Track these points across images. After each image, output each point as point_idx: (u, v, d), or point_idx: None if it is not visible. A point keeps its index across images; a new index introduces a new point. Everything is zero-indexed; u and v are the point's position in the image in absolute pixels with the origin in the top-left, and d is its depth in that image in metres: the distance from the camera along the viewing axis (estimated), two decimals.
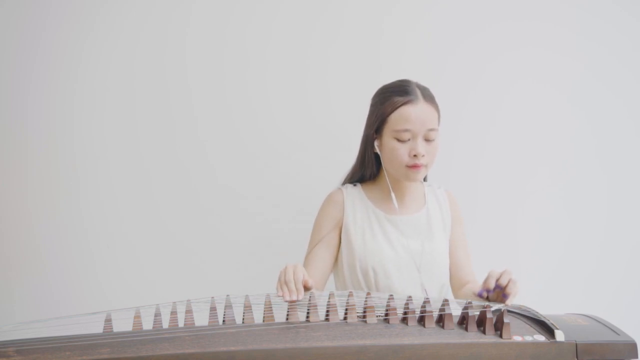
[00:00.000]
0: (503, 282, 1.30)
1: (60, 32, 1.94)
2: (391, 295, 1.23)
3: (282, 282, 1.24)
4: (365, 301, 1.21)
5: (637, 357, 1.16)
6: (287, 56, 1.96)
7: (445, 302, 1.21)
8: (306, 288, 1.26)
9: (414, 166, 1.46)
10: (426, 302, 1.20)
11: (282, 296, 1.21)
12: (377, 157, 1.56)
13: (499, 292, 1.32)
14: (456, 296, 1.53)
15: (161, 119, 1.95)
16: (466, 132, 1.96)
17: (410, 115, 1.45)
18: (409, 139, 1.46)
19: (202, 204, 1.95)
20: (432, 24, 1.98)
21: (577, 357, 1.14)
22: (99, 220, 1.95)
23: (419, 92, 1.48)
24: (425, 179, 1.68)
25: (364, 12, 1.96)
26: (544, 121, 1.97)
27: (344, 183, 1.64)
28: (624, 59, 1.99)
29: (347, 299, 1.21)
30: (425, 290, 1.51)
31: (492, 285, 1.31)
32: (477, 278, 1.52)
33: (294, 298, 1.20)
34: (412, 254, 1.51)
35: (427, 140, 1.47)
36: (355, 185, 1.61)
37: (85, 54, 1.95)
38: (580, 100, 1.98)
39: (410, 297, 1.22)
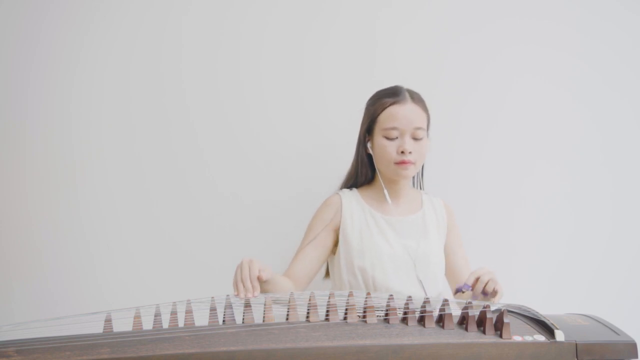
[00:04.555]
0: (489, 289, 1.33)
1: (58, 33, 1.94)
2: (391, 295, 1.23)
3: (238, 280, 1.27)
4: (365, 301, 1.22)
5: (637, 357, 1.16)
6: (281, 57, 1.95)
7: (445, 302, 1.21)
8: (262, 280, 1.31)
9: (402, 162, 1.52)
10: (426, 302, 1.20)
11: (237, 295, 1.25)
12: (370, 160, 1.62)
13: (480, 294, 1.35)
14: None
15: (158, 120, 1.95)
16: (467, 131, 1.96)
17: (397, 114, 1.53)
18: (397, 137, 1.53)
19: (200, 203, 1.94)
20: (431, 24, 1.97)
21: (577, 357, 1.14)
22: (98, 220, 1.94)
23: (407, 94, 1.56)
24: (422, 187, 1.72)
25: (359, 11, 1.96)
26: (546, 120, 1.97)
27: (341, 188, 1.68)
28: (627, 58, 1.98)
29: (347, 299, 1.21)
30: (422, 282, 1.53)
31: (478, 291, 1.34)
32: None
33: (249, 296, 1.24)
34: (408, 251, 1.54)
35: (415, 138, 1.53)
36: (351, 189, 1.65)
37: (82, 55, 1.95)
38: (584, 99, 1.98)
39: (410, 297, 1.23)
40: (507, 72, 1.97)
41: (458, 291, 1.41)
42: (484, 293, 1.34)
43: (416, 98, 1.56)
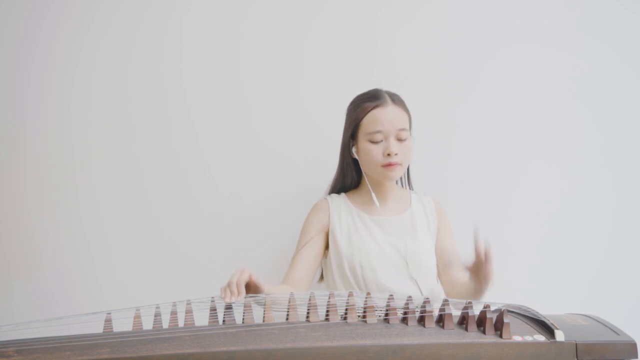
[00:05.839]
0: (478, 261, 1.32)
1: (58, 33, 1.94)
2: (391, 295, 1.24)
3: (226, 285, 1.27)
4: (365, 301, 1.22)
5: (637, 357, 1.16)
6: (281, 57, 1.96)
7: (445, 302, 1.21)
8: (255, 288, 1.31)
9: (389, 165, 1.54)
10: (426, 302, 1.20)
11: (223, 298, 1.24)
12: (355, 164, 1.63)
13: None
14: (451, 296, 1.55)
15: (158, 120, 1.95)
16: (467, 131, 1.96)
17: (380, 117, 1.54)
18: (381, 140, 1.55)
19: (200, 203, 1.94)
20: (431, 24, 1.97)
21: (577, 357, 1.14)
22: (98, 220, 1.94)
23: (387, 97, 1.57)
24: (411, 187, 1.72)
25: (359, 11, 1.96)
26: (546, 120, 1.97)
27: (328, 194, 1.70)
28: (627, 58, 1.98)
29: (347, 299, 1.21)
30: (416, 280, 1.53)
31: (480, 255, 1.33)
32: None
33: (233, 300, 1.23)
34: (398, 250, 1.56)
35: (399, 139, 1.55)
36: (339, 194, 1.67)
37: (82, 55, 1.95)
38: (584, 99, 1.98)
39: (410, 297, 1.23)
40: (507, 72, 1.97)
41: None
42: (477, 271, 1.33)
43: (396, 99, 1.58)
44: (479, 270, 1.35)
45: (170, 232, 1.94)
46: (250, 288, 1.31)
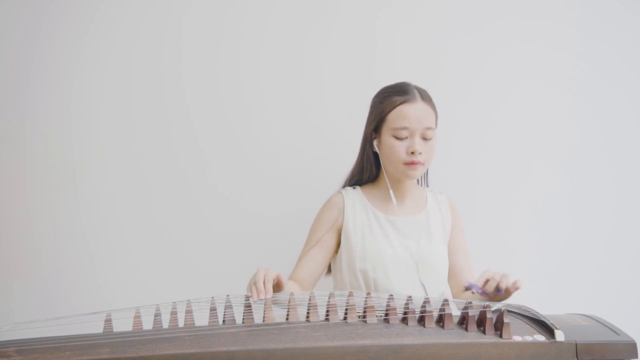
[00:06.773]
0: (503, 285, 1.33)
1: (58, 33, 1.95)
2: (391, 295, 1.23)
3: (252, 283, 1.26)
4: (365, 301, 1.22)
5: (637, 357, 1.16)
6: (281, 57, 1.96)
7: (445, 302, 1.21)
8: (278, 287, 1.31)
9: (412, 163, 1.49)
10: (426, 302, 1.20)
11: (251, 297, 1.23)
12: (376, 158, 1.59)
13: (496, 294, 1.35)
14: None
15: (158, 120, 1.95)
16: (467, 131, 1.96)
17: (408, 113, 1.49)
18: (406, 137, 1.50)
19: (199, 203, 1.95)
20: (431, 24, 1.98)
21: (577, 357, 1.14)
22: (98, 220, 1.95)
23: (417, 93, 1.53)
24: (427, 184, 1.70)
25: (359, 11, 1.96)
26: (546, 120, 1.97)
27: (344, 186, 1.65)
28: (627, 58, 1.98)
29: (347, 299, 1.21)
30: (424, 285, 1.51)
31: (491, 288, 1.34)
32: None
33: (262, 297, 1.22)
34: (411, 253, 1.52)
35: (425, 138, 1.51)
36: (355, 188, 1.63)
37: (82, 55, 1.95)
38: (584, 99, 1.98)
39: (410, 297, 1.23)
40: (507, 72, 1.97)
41: (468, 289, 1.40)
42: (498, 290, 1.34)
43: (425, 96, 1.54)
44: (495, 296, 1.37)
45: (170, 232, 1.94)
46: (274, 286, 1.30)
